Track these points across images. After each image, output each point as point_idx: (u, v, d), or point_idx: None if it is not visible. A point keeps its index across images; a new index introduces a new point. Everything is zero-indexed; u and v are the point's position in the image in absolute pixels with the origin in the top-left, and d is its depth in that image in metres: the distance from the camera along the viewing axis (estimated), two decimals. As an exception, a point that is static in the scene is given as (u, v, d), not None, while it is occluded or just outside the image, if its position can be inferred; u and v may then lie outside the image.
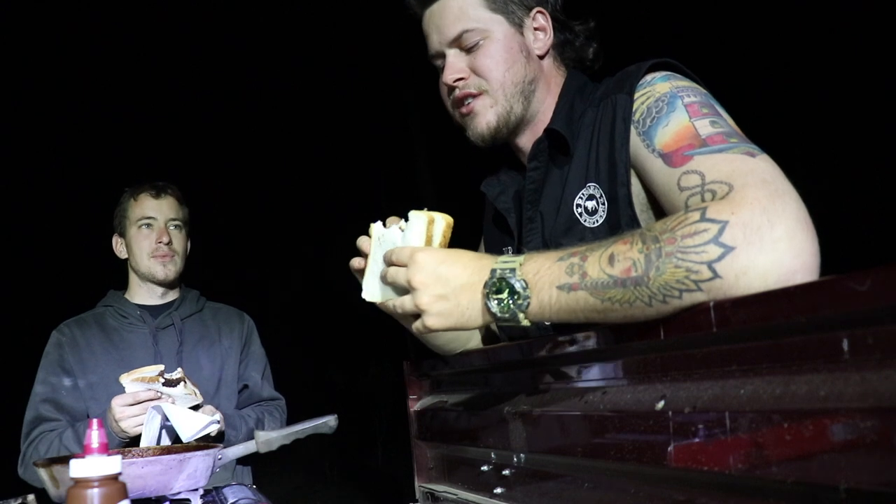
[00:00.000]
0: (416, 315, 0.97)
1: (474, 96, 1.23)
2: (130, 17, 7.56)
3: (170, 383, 1.67)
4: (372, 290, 1.09)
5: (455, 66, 1.24)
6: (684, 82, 1.05)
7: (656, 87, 1.06)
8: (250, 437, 1.86)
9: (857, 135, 6.81)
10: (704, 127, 0.95)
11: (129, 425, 1.67)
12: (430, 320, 0.94)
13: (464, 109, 1.25)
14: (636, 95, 1.07)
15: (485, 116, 1.24)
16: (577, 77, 1.29)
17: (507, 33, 1.23)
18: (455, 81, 1.24)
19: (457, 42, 1.23)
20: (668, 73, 1.09)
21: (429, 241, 0.99)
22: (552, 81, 1.28)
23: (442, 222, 1.01)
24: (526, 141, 1.29)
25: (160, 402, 1.66)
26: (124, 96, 8.26)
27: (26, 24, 7.18)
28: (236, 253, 8.98)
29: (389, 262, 1.01)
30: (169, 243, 1.96)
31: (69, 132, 8.20)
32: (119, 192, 2.06)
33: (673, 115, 1.00)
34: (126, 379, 1.68)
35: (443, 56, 1.26)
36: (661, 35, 6.75)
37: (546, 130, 1.22)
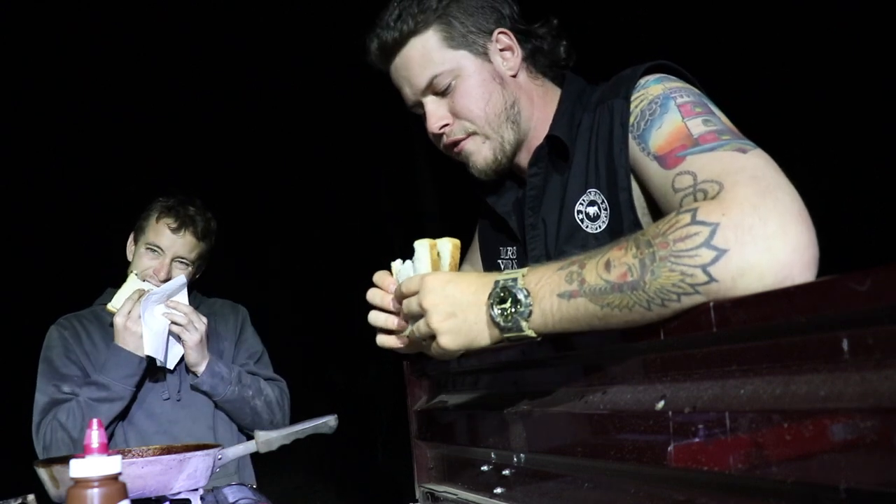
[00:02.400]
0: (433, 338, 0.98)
1: (461, 140, 1.23)
2: (130, 17, 7.56)
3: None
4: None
5: (436, 114, 1.23)
6: (677, 83, 1.05)
7: (650, 89, 1.06)
8: (242, 382, 1.93)
9: (857, 135, 6.81)
10: (697, 126, 0.95)
11: (137, 327, 1.78)
12: (443, 339, 0.95)
13: (457, 150, 1.25)
14: (632, 98, 1.07)
15: (480, 153, 1.23)
16: (576, 82, 1.27)
17: (475, 66, 1.21)
18: (440, 129, 1.23)
19: (429, 89, 1.22)
20: (662, 75, 1.08)
21: (435, 265, 1.02)
22: (534, 94, 1.27)
23: (448, 245, 1.03)
24: (522, 157, 1.28)
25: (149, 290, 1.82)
26: (124, 96, 8.25)
27: (26, 25, 7.18)
28: (236, 252, 8.98)
29: (402, 296, 1.02)
30: (166, 280, 1.92)
31: (69, 132, 8.20)
32: (117, 191, 2.04)
33: (666, 116, 0.99)
34: (112, 307, 1.83)
35: (421, 105, 1.25)
36: (658, 35, 6.75)
37: (547, 137, 1.21)
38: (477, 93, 1.21)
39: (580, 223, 1.16)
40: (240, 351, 2.09)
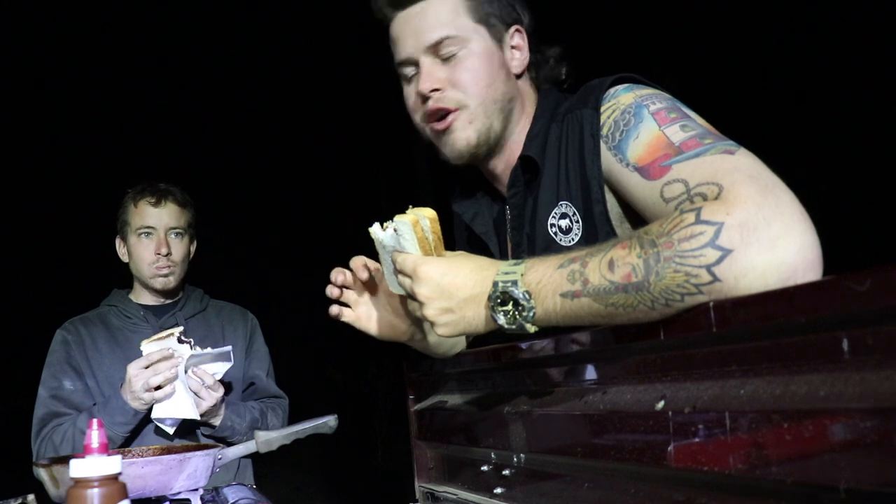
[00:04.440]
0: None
1: (451, 111, 1.17)
2: (130, 17, 7.56)
3: (184, 341, 1.76)
4: (395, 285, 1.11)
5: (432, 74, 1.16)
6: (647, 90, 1.04)
7: (620, 98, 1.04)
8: (254, 427, 1.88)
9: (856, 135, 6.81)
10: (675, 133, 0.93)
11: (138, 386, 1.70)
12: (441, 330, 0.96)
13: (439, 125, 1.18)
14: (602, 109, 1.06)
15: (464, 132, 1.18)
16: (551, 96, 1.25)
17: (487, 47, 1.19)
18: (431, 91, 1.17)
19: (434, 49, 1.17)
20: (631, 84, 1.07)
21: (423, 242, 0.99)
22: (527, 102, 1.25)
23: (426, 220, 1.00)
24: (498, 164, 1.25)
25: (175, 361, 1.72)
26: (125, 95, 8.25)
27: (25, 24, 7.19)
28: (236, 252, 8.98)
29: (398, 271, 1.01)
30: (168, 254, 1.94)
31: (68, 132, 8.20)
32: (121, 190, 2.05)
33: (642, 125, 0.98)
34: (145, 343, 1.75)
35: (414, 64, 1.19)
36: (655, 35, 6.75)
37: (520, 157, 1.19)
38: (483, 71, 1.17)
39: (553, 236, 1.14)
40: (251, 362, 2.07)
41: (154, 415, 1.76)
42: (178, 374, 1.74)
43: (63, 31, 7.45)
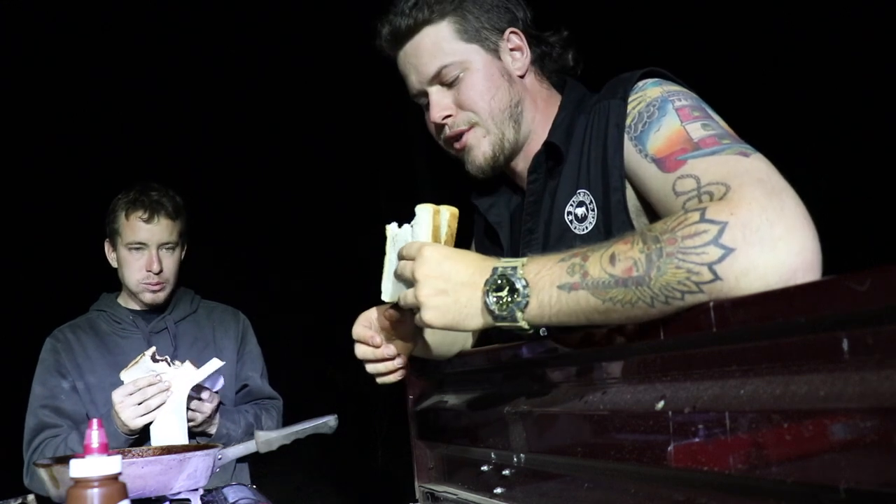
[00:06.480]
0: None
1: (466, 132, 1.23)
2: (129, 17, 7.56)
3: (158, 360, 1.70)
4: (388, 290, 1.11)
5: (440, 103, 1.22)
6: (675, 87, 1.05)
7: (648, 92, 1.06)
8: (249, 431, 1.87)
9: (856, 135, 6.81)
10: (696, 130, 0.95)
11: (129, 416, 1.66)
12: (428, 314, 0.93)
13: (458, 145, 1.24)
14: (629, 100, 1.07)
15: (480, 148, 1.23)
16: (576, 90, 1.27)
17: (485, 61, 1.22)
18: (443, 119, 1.23)
19: (437, 79, 1.22)
20: (660, 79, 1.09)
21: (436, 232, 1.00)
22: (538, 98, 1.27)
23: (447, 213, 1.02)
24: (518, 162, 1.28)
25: (163, 386, 1.68)
26: (122, 96, 8.25)
27: (23, 23, 7.18)
28: (236, 252, 8.98)
29: (401, 257, 1.01)
30: (160, 272, 1.89)
31: (69, 133, 8.20)
32: (116, 191, 2.00)
33: (665, 119, 0.99)
34: (124, 373, 1.70)
35: (425, 94, 1.24)
36: (656, 33, 6.75)
37: (545, 143, 1.21)
38: (483, 86, 1.21)
39: (569, 224, 1.16)
40: (244, 364, 2.05)
41: (153, 442, 1.73)
42: (167, 398, 1.69)
43: (63, 32, 7.45)
